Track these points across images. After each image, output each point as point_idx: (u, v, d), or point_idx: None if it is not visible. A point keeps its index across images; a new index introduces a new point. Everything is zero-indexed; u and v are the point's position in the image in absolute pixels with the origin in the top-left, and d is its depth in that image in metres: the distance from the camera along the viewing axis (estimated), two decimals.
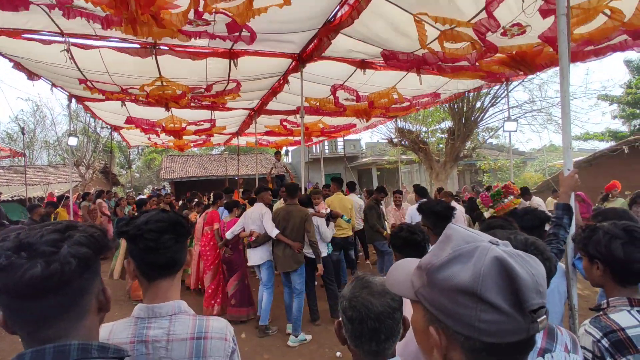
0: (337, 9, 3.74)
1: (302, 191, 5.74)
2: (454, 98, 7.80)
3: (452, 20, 3.57)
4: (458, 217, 4.88)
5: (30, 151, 23.42)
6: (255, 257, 4.83)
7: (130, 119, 8.11)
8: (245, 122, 9.58)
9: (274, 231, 4.53)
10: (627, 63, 21.25)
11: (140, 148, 27.72)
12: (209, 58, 4.66)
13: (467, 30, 3.72)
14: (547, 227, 2.30)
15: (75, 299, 0.76)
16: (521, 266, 0.58)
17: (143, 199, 8.38)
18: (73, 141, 7.34)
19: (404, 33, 4.05)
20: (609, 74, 55.58)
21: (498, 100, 11.41)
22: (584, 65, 24.78)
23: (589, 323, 1.35)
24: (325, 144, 21.30)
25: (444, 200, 4.88)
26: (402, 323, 1.06)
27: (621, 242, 1.34)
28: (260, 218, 4.73)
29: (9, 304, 0.73)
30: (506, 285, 0.57)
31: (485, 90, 9.42)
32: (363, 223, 6.55)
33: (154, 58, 4.57)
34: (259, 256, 4.81)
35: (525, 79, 8.78)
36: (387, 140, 14.26)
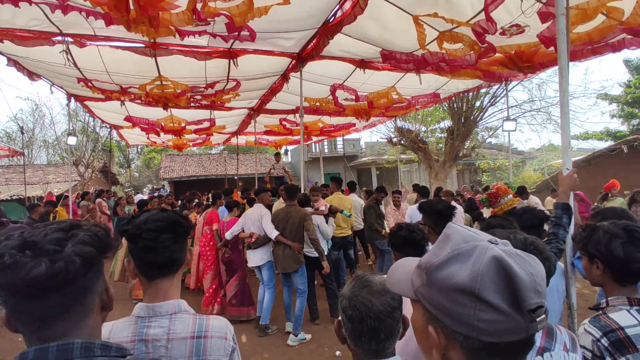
0: (337, 8, 3.74)
1: (302, 190, 5.74)
2: (454, 96, 7.80)
3: (452, 20, 3.57)
4: (458, 217, 4.88)
5: (29, 150, 23.38)
6: (256, 259, 4.83)
7: (129, 118, 8.10)
8: (244, 122, 9.58)
9: (273, 232, 4.54)
10: (627, 62, 21.25)
11: (139, 147, 27.67)
12: (209, 57, 4.65)
13: (466, 31, 3.72)
14: (546, 227, 2.30)
15: (79, 297, 0.76)
16: (520, 266, 0.58)
17: (144, 200, 8.37)
18: (72, 140, 7.35)
19: (403, 33, 4.05)
20: (608, 73, 55.53)
21: (497, 100, 11.40)
22: (583, 65, 24.78)
23: (589, 322, 1.35)
24: (325, 143, 21.32)
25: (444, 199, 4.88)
26: (402, 322, 1.06)
27: (621, 242, 1.35)
28: (259, 219, 4.72)
29: (13, 302, 0.73)
30: (504, 285, 0.57)
31: (485, 90, 9.42)
32: (363, 223, 6.55)
33: (154, 58, 4.56)
34: (260, 257, 4.81)
35: (525, 79, 8.77)
36: (387, 140, 14.24)
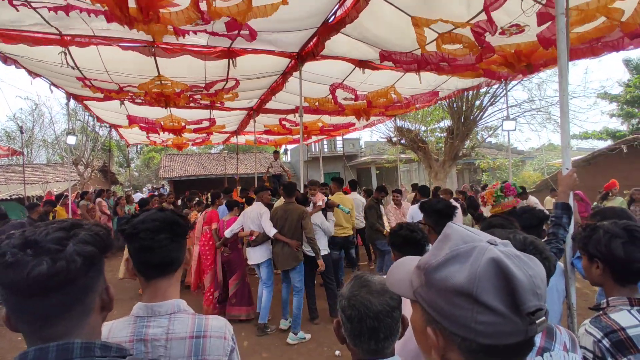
0: (337, 7, 3.74)
1: (302, 190, 5.74)
2: (453, 95, 7.79)
3: (450, 21, 3.56)
4: (457, 216, 4.88)
5: (28, 150, 23.33)
6: (255, 256, 4.85)
7: (129, 118, 8.09)
8: (244, 121, 9.57)
9: (272, 231, 4.56)
10: (626, 62, 21.25)
11: (139, 147, 27.63)
12: (208, 56, 4.65)
13: (465, 32, 3.71)
14: (545, 227, 2.30)
15: (80, 297, 0.76)
16: (518, 267, 0.57)
17: (145, 199, 8.36)
18: (72, 140, 7.35)
19: (402, 34, 4.04)
20: (608, 73, 55.74)
21: (497, 100, 11.42)
22: (583, 65, 24.77)
23: (589, 323, 1.34)
24: (325, 142, 21.31)
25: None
26: (401, 322, 1.05)
27: (621, 242, 1.34)
28: (258, 218, 4.75)
29: (14, 301, 0.73)
30: (502, 287, 0.56)
31: (484, 90, 9.42)
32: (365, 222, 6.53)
33: (153, 57, 4.55)
34: (259, 255, 4.84)
35: (525, 78, 8.78)
36: (386, 139, 14.25)
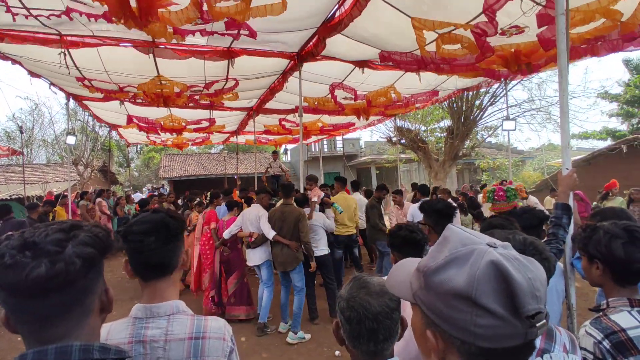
0: (336, 8, 3.73)
1: (302, 190, 5.74)
2: (453, 95, 7.79)
3: (449, 23, 3.56)
4: (456, 216, 4.89)
5: (28, 150, 23.34)
6: (255, 258, 4.86)
7: (129, 117, 8.09)
8: (244, 121, 9.57)
9: (270, 233, 4.57)
10: (626, 62, 21.26)
11: (139, 147, 27.67)
12: (207, 57, 4.64)
13: (465, 32, 3.71)
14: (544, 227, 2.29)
15: (79, 299, 0.76)
16: (518, 270, 0.57)
17: (145, 199, 8.35)
18: (71, 140, 7.34)
19: (402, 33, 4.04)
20: (607, 72, 55.67)
21: (497, 99, 11.42)
22: (583, 65, 24.69)
23: (590, 324, 1.33)
24: (325, 142, 21.30)
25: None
26: (400, 323, 1.05)
27: (622, 242, 1.34)
28: (257, 220, 4.76)
29: (13, 302, 0.72)
30: (501, 290, 0.56)
31: (484, 89, 9.42)
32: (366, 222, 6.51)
33: (152, 57, 4.55)
34: (259, 256, 4.85)
35: (525, 78, 8.77)
36: (386, 139, 14.24)
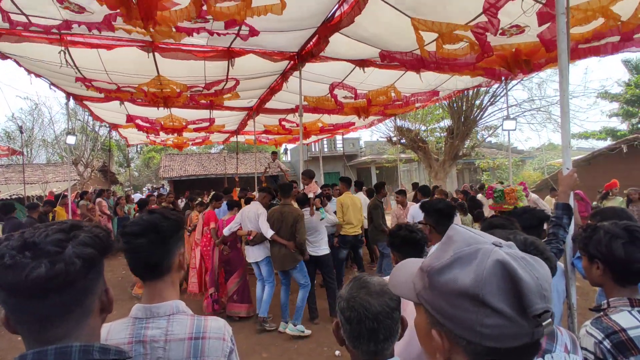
0: (336, 7, 3.73)
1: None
2: (453, 95, 7.78)
3: (449, 24, 3.56)
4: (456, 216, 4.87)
5: (28, 150, 23.35)
6: (254, 254, 4.89)
7: (129, 117, 8.09)
8: (243, 121, 9.57)
9: (268, 232, 4.58)
10: (626, 62, 21.28)
11: (139, 147, 27.65)
12: (208, 57, 4.64)
13: (465, 32, 3.71)
14: (545, 227, 2.29)
15: (79, 299, 0.76)
16: (525, 269, 0.57)
17: (144, 199, 8.33)
18: (71, 140, 7.33)
19: (402, 33, 4.03)
20: (607, 72, 55.68)
21: (497, 99, 11.42)
22: (583, 65, 24.77)
23: (590, 324, 1.33)
24: (324, 142, 21.33)
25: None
26: (400, 323, 1.04)
27: (622, 242, 1.33)
28: (256, 218, 4.78)
29: (13, 303, 0.72)
30: (509, 289, 0.56)
31: (485, 89, 9.42)
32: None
33: (152, 57, 4.54)
34: (258, 253, 4.88)
35: (525, 78, 8.77)
36: (386, 139, 14.24)
